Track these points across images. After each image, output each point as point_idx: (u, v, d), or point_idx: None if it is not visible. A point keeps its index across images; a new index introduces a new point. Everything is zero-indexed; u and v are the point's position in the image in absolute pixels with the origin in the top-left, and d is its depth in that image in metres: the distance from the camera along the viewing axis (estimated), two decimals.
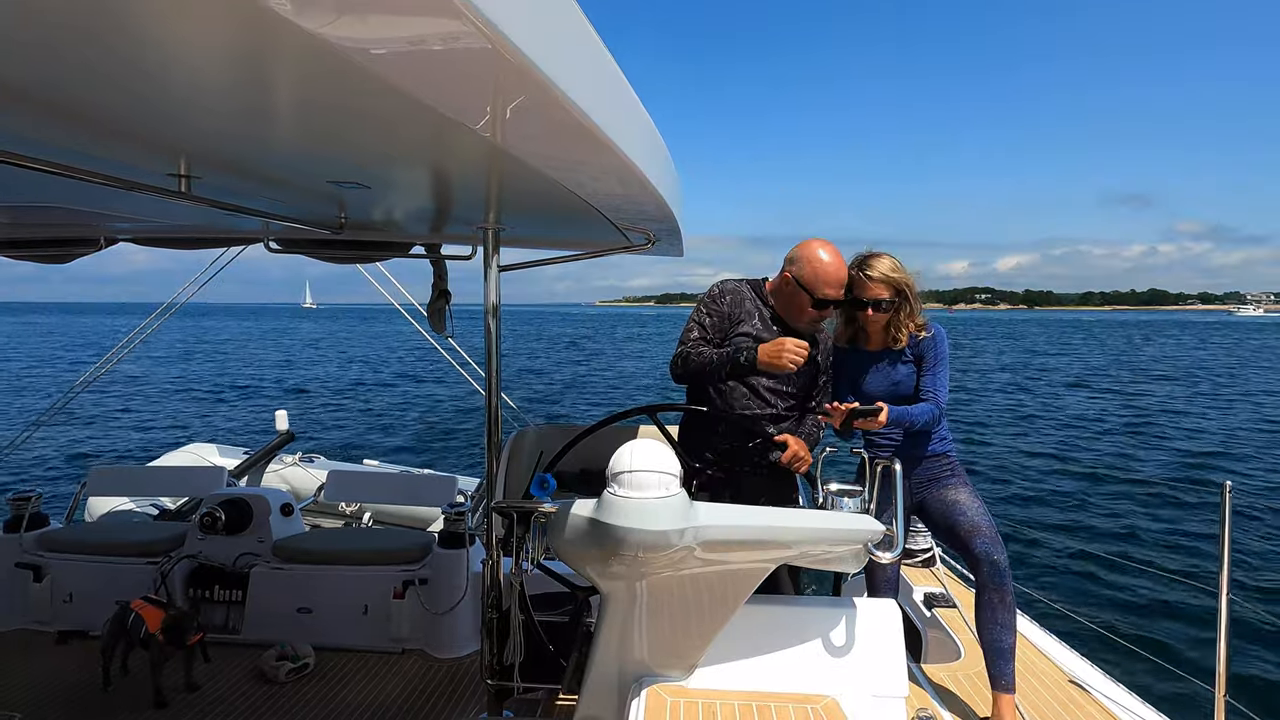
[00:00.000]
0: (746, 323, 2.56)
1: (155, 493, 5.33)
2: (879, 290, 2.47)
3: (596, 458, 2.06)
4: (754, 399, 2.55)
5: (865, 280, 2.49)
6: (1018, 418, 18.64)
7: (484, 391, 2.82)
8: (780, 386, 2.57)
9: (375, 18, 0.83)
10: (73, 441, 14.88)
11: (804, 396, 2.67)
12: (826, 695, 1.87)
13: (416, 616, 3.59)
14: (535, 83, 1.03)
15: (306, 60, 1.01)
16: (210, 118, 1.42)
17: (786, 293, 2.55)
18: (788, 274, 2.52)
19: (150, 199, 2.24)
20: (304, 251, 3.60)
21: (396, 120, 1.35)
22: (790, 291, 2.52)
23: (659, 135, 2.03)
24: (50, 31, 0.92)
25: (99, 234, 3.41)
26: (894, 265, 2.50)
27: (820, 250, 2.47)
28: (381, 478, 5.70)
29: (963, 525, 2.46)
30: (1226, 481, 2.49)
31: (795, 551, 1.89)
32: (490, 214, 2.58)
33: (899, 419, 2.44)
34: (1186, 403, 21.81)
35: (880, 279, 2.47)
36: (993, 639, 2.39)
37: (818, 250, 2.47)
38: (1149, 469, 12.70)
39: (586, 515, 1.73)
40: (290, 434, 6.30)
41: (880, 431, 2.51)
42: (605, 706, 1.94)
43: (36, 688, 3.20)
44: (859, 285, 2.51)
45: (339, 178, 2.00)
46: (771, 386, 2.55)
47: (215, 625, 3.69)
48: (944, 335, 2.56)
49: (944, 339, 2.56)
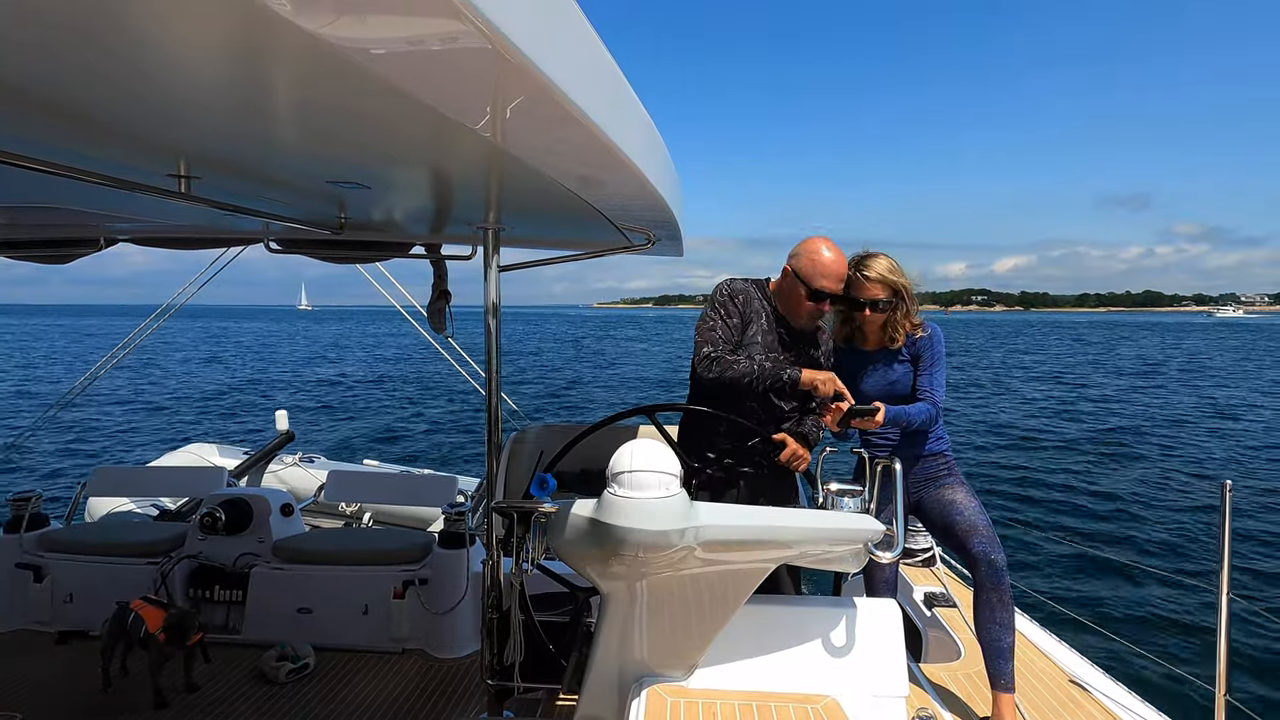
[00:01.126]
0: (755, 323, 2.57)
1: (155, 493, 5.33)
2: (876, 290, 2.48)
3: (596, 458, 2.06)
4: (760, 404, 2.55)
5: (862, 280, 2.50)
6: (989, 414, 18.88)
7: (484, 391, 2.82)
8: None
9: (375, 18, 0.83)
10: (73, 442, 14.89)
11: (805, 397, 2.67)
12: (827, 695, 1.87)
13: (417, 616, 3.59)
14: (535, 83, 1.03)
15: (306, 60, 1.01)
16: (210, 118, 1.42)
17: (786, 287, 2.55)
18: (788, 267, 2.54)
19: (150, 199, 2.24)
20: (304, 252, 3.60)
21: (396, 120, 1.35)
22: (789, 285, 2.53)
23: (659, 135, 2.03)
24: (50, 32, 0.92)
25: (98, 234, 3.41)
26: (891, 266, 2.50)
27: (822, 245, 2.48)
28: (381, 478, 5.70)
29: (960, 525, 2.46)
30: (1227, 481, 2.49)
31: (795, 551, 1.90)
32: (490, 214, 2.58)
33: (896, 418, 2.44)
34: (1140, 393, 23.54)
35: (877, 279, 2.48)
36: (992, 638, 2.39)
37: (819, 245, 2.49)
38: (1148, 467, 12.72)
39: (586, 515, 1.73)
40: (290, 434, 6.30)
41: (877, 431, 2.51)
42: (605, 706, 1.94)
43: (37, 688, 3.20)
44: (856, 285, 2.51)
45: (339, 178, 2.00)
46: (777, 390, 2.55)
47: (215, 625, 3.69)
48: (940, 335, 2.57)
49: (940, 339, 2.56)
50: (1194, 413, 19.67)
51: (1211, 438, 15.88)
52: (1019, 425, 17.35)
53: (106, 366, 5.19)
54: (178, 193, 1.94)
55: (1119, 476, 12.09)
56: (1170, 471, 12.50)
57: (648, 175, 1.81)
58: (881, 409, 2.37)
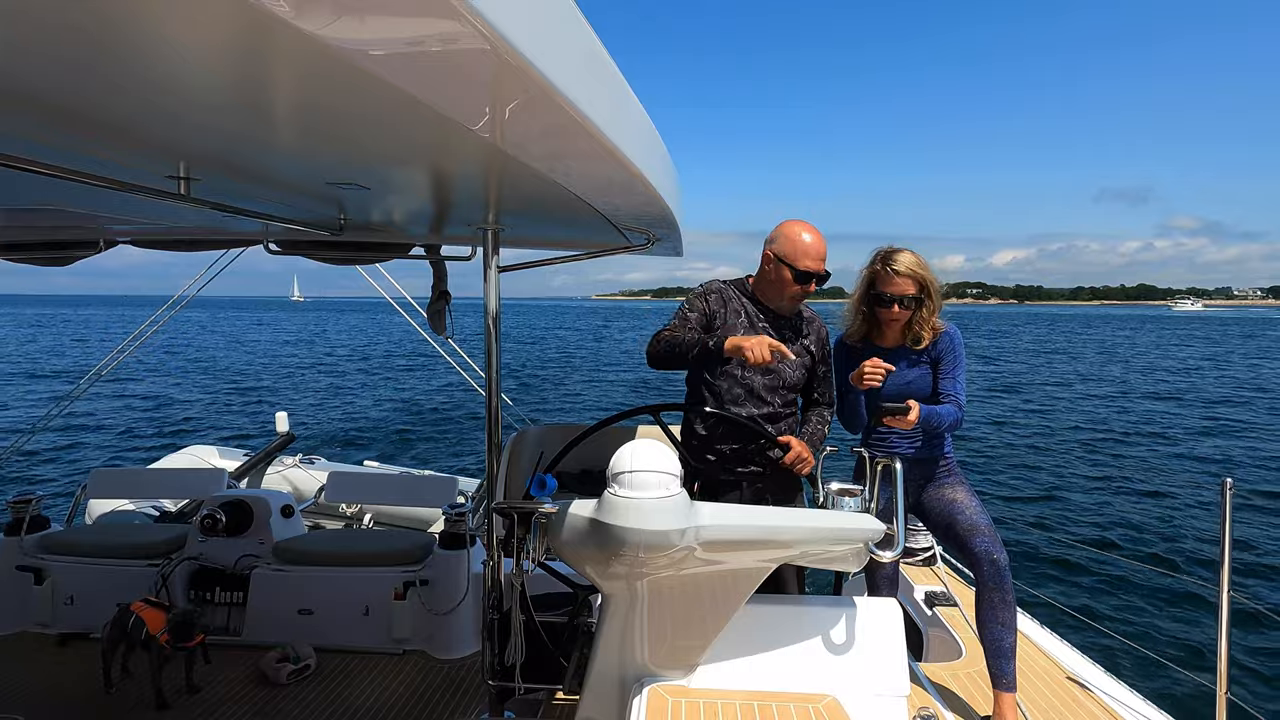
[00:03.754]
0: (733, 321, 2.54)
1: (155, 495, 5.33)
2: (905, 285, 2.43)
3: (597, 458, 2.06)
4: (751, 399, 2.53)
5: (890, 275, 2.44)
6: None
7: (484, 391, 2.82)
8: (775, 383, 2.55)
9: (374, 19, 0.83)
10: (72, 444, 14.88)
11: (802, 391, 2.66)
12: (828, 694, 1.87)
13: (417, 617, 3.59)
14: (534, 83, 1.03)
15: (306, 62, 1.01)
16: (210, 120, 1.42)
17: (767, 272, 2.53)
18: (768, 252, 2.52)
19: (150, 201, 2.24)
20: (303, 253, 3.60)
21: (396, 122, 1.35)
22: (771, 270, 2.52)
23: (658, 135, 2.03)
24: (49, 34, 0.92)
25: (98, 236, 3.41)
26: (918, 261, 2.45)
27: (798, 226, 2.48)
28: (382, 479, 5.70)
29: (961, 524, 2.45)
30: (1227, 479, 2.49)
31: (796, 551, 1.90)
32: (490, 214, 2.58)
33: (928, 419, 2.39)
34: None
35: (906, 273, 2.42)
36: (994, 638, 2.39)
37: (797, 227, 2.48)
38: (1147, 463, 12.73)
39: (587, 515, 1.73)
40: (291, 435, 6.30)
41: (900, 432, 2.48)
42: (606, 707, 1.94)
43: (38, 690, 3.20)
44: (883, 280, 2.46)
45: (338, 179, 2.00)
46: (767, 384, 2.53)
47: (216, 627, 3.69)
48: (960, 336, 2.53)
49: (960, 340, 2.53)
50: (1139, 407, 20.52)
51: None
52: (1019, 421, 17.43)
53: (108, 367, 5.20)
54: (177, 194, 1.94)
55: (1118, 475, 12.10)
56: (1171, 471, 12.52)
57: (647, 176, 1.81)
58: (915, 407, 2.32)
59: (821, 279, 2.50)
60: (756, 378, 2.52)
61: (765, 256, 2.54)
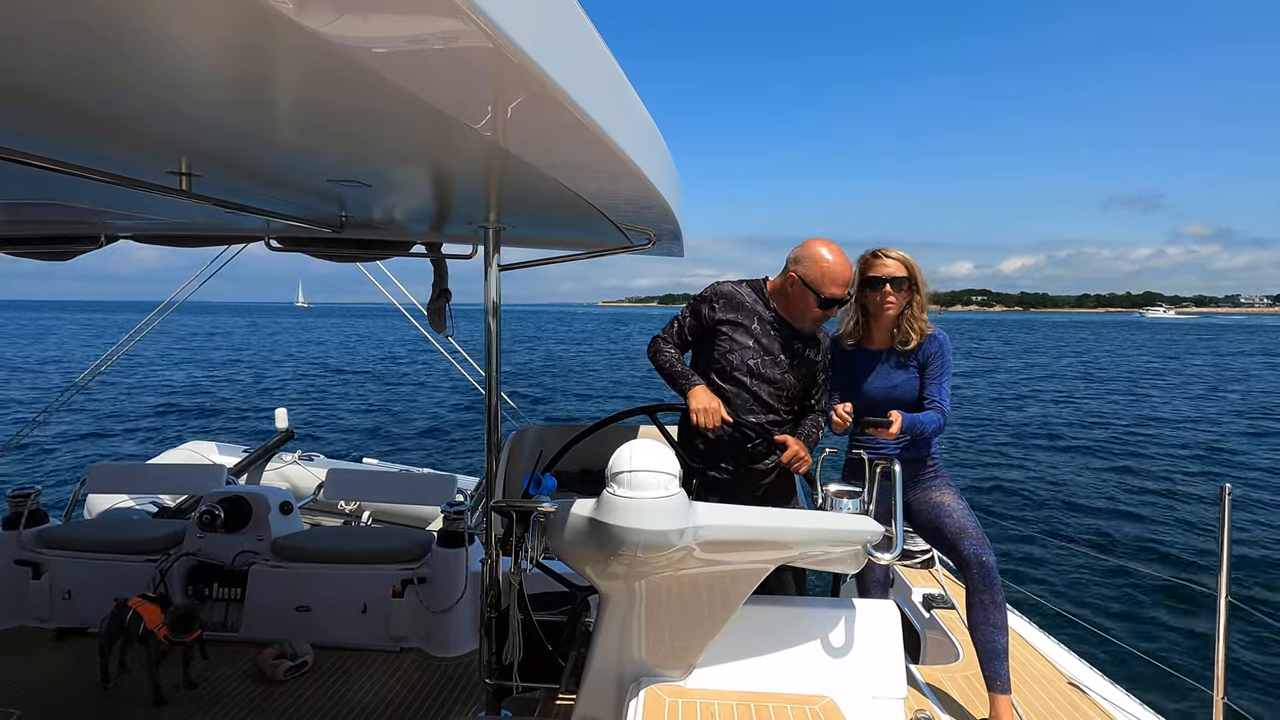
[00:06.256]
0: (744, 325, 2.53)
1: (154, 490, 5.33)
2: (895, 268, 2.49)
3: (596, 458, 2.06)
4: (756, 404, 2.54)
5: (881, 259, 2.52)
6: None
7: (484, 391, 2.82)
8: (780, 391, 2.56)
9: (376, 17, 0.83)
10: (72, 439, 14.89)
11: (803, 397, 2.66)
12: (825, 696, 1.87)
13: (415, 615, 3.59)
14: (536, 82, 1.03)
15: (308, 59, 1.01)
16: (212, 116, 1.42)
17: (791, 293, 2.53)
18: (793, 274, 2.50)
19: (151, 196, 2.24)
20: (305, 250, 3.60)
21: (398, 119, 1.35)
22: (796, 292, 2.51)
23: (660, 135, 2.03)
24: (51, 30, 0.92)
25: (100, 231, 3.41)
26: (907, 255, 2.54)
27: (824, 249, 2.47)
28: (381, 476, 5.70)
29: (949, 527, 2.45)
30: (1226, 485, 2.50)
31: (794, 552, 1.90)
32: (491, 213, 2.58)
33: (910, 427, 2.40)
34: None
35: (896, 258, 2.50)
36: (986, 640, 2.39)
37: (821, 249, 2.47)
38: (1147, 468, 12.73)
39: (586, 515, 1.73)
40: (290, 432, 6.30)
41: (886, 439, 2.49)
42: (604, 706, 1.94)
43: (35, 685, 3.20)
44: (873, 266, 2.52)
45: (340, 176, 2.00)
46: (773, 392, 2.54)
47: (214, 623, 3.69)
48: (949, 342, 2.55)
49: (949, 346, 2.55)
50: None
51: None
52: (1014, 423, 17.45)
53: (108, 363, 5.20)
54: (179, 190, 1.94)
55: (1116, 476, 12.10)
56: (1169, 473, 12.52)
57: (648, 175, 1.81)
58: (897, 420, 2.33)
59: (844, 302, 2.53)
60: (762, 386, 2.53)
61: (790, 278, 2.52)
